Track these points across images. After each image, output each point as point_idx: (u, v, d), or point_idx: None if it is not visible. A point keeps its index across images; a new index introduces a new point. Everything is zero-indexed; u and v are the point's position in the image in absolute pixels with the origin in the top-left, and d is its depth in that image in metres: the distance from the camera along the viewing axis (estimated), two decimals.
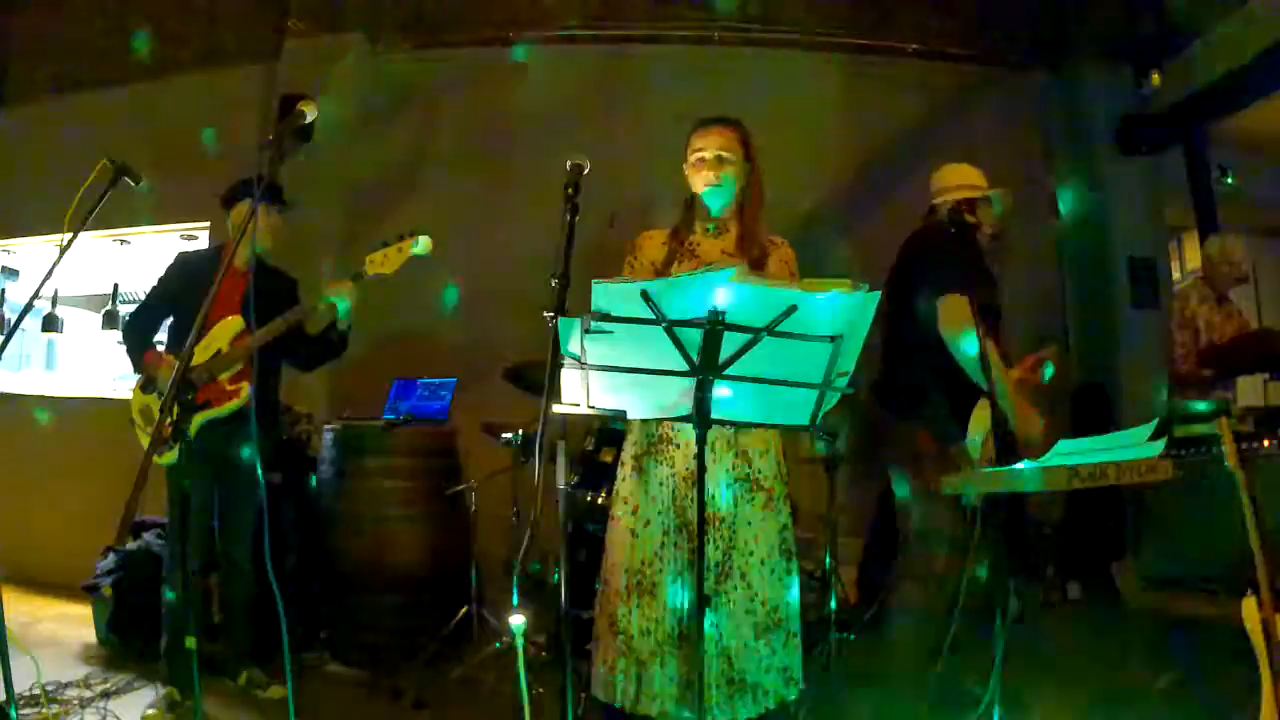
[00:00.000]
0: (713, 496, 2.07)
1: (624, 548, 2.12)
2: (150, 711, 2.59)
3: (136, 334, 2.88)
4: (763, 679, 2.04)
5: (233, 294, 2.73)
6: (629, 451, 2.22)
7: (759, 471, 2.14)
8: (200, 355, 2.70)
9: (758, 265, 2.20)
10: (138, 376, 2.87)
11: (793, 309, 1.45)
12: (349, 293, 2.77)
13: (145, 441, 2.72)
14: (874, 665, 2.69)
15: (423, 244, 2.71)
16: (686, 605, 2.01)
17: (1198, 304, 3.71)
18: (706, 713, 1.93)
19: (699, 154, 2.22)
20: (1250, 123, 4.64)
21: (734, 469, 2.11)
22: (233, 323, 2.77)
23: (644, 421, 2.16)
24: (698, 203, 2.27)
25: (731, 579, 2.05)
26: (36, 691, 2.53)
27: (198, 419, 2.67)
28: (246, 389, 2.72)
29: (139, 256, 5.29)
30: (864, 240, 4.09)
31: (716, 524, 2.05)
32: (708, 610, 1.93)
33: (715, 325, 1.46)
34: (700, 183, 2.23)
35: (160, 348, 2.89)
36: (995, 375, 2.04)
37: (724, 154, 2.20)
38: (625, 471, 2.22)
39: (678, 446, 2.13)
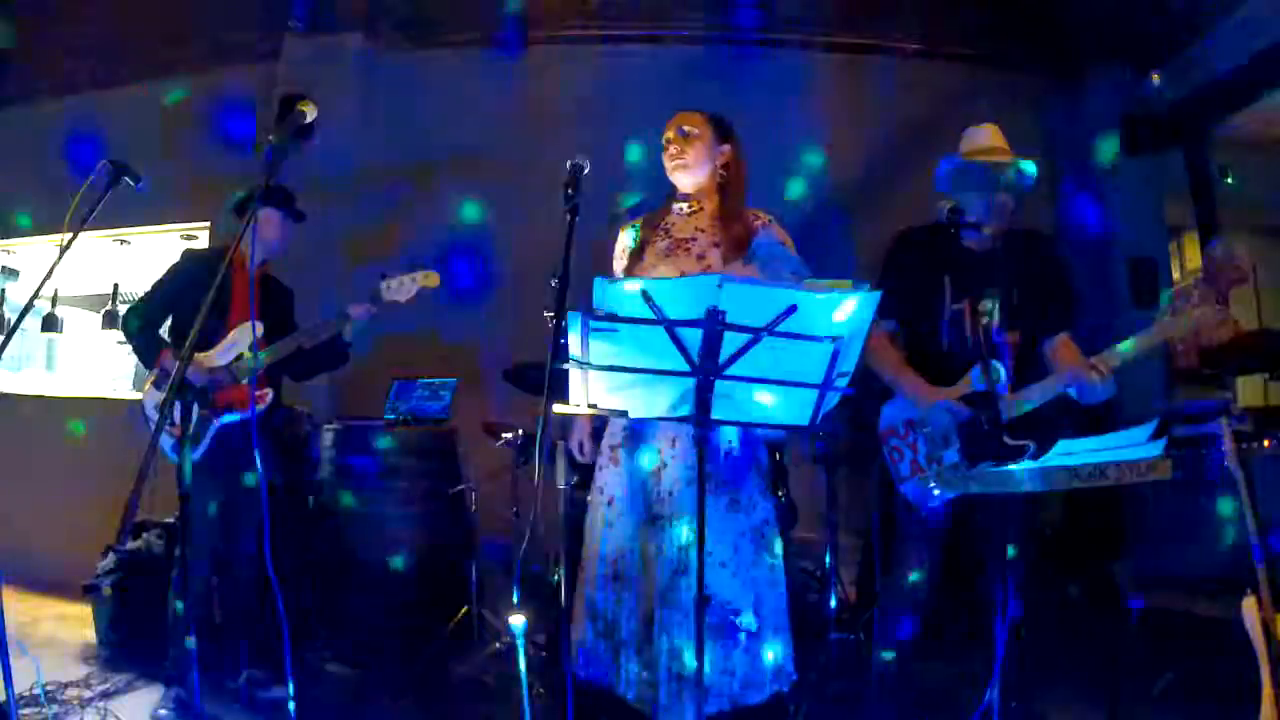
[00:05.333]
0: (670, 494, 2.07)
1: (599, 537, 2.15)
2: (163, 713, 2.58)
3: (147, 328, 2.85)
4: (718, 679, 2.01)
5: (247, 299, 2.75)
6: (607, 442, 2.24)
7: (723, 471, 2.12)
8: (222, 358, 2.74)
9: (739, 242, 2.19)
10: (147, 373, 2.87)
11: (793, 309, 1.45)
12: (366, 312, 2.81)
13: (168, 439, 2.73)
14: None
15: (434, 279, 2.83)
16: (655, 597, 2.02)
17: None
18: (662, 709, 1.97)
19: (665, 137, 2.28)
20: (1250, 123, 4.64)
21: (694, 467, 2.10)
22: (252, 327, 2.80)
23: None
24: (672, 185, 2.30)
25: (688, 576, 2.02)
26: (36, 691, 2.52)
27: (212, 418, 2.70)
28: (270, 394, 2.81)
29: (139, 256, 5.29)
30: (865, 241, 4.08)
31: (675, 521, 2.05)
32: (663, 608, 1.99)
33: (715, 325, 1.46)
34: (668, 162, 2.26)
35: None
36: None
37: (686, 127, 2.24)
38: (603, 461, 2.23)
39: (650, 442, 2.13)
